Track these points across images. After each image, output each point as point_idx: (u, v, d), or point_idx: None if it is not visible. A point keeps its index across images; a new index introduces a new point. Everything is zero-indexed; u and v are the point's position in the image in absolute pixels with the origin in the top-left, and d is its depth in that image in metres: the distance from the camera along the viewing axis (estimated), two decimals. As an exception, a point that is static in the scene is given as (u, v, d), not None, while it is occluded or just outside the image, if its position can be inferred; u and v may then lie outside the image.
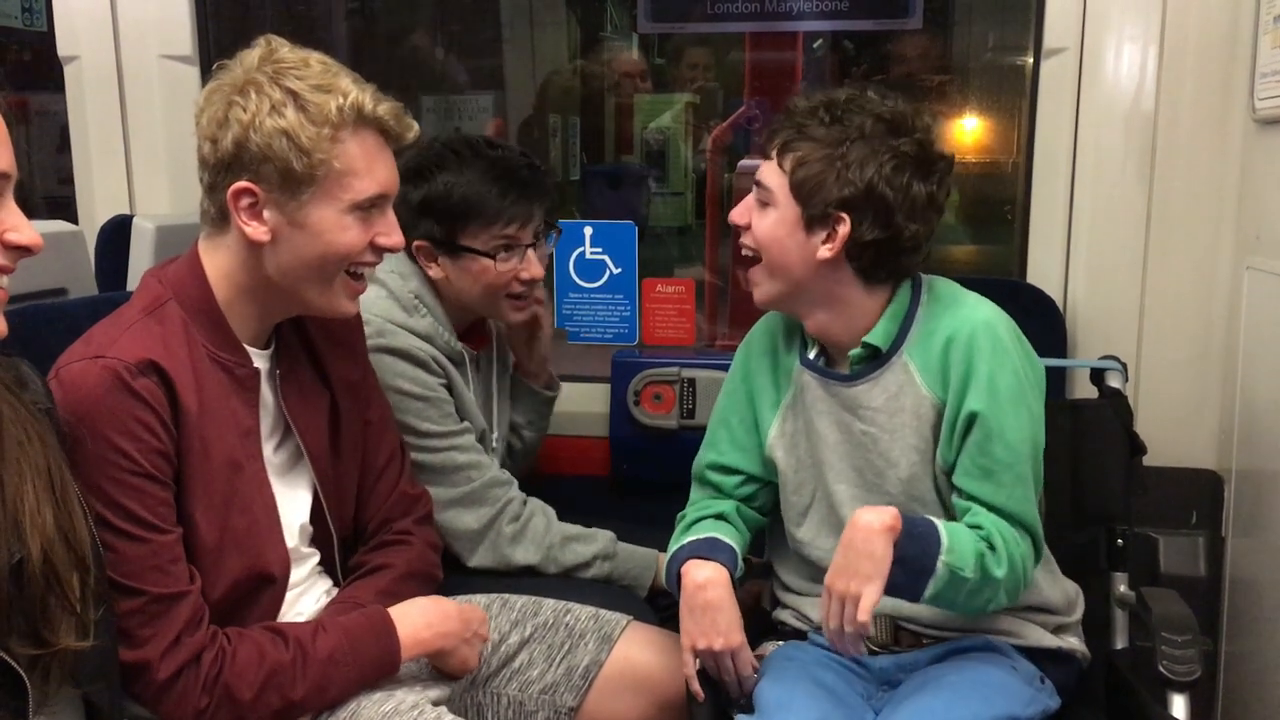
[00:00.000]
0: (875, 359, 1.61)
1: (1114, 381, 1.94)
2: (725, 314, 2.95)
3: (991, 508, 1.54)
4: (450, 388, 1.91)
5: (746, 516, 1.76)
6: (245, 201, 1.44)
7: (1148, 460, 1.89)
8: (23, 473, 1.16)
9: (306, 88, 1.43)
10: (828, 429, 1.65)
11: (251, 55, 1.46)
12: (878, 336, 1.60)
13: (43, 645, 1.15)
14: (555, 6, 4.32)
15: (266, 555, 1.49)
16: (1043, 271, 2.18)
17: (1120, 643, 1.84)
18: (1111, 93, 2.09)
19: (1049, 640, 1.64)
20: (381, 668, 1.52)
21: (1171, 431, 2.06)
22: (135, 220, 2.26)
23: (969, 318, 1.58)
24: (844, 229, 1.53)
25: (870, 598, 1.42)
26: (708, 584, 1.60)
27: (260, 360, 1.55)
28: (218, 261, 1.51)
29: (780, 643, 1.74)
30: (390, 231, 1.52)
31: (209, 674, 1.39)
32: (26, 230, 1.17)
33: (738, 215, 1.64)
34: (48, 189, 3.62)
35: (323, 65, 1.47)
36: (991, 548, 1.51)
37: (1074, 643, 1.67)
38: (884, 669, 1.62)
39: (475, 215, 1.86)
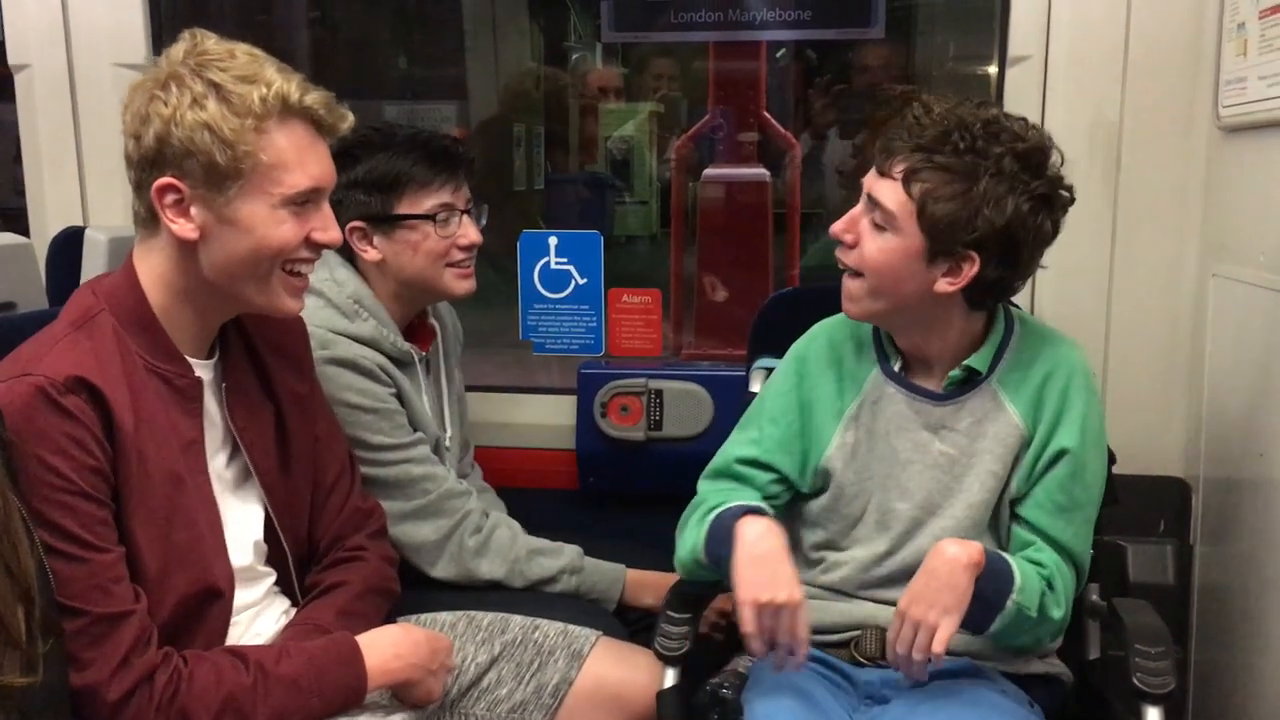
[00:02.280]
0: (967, 382, 1.60)
1: (1081, 390, 1.93)
2: (690, 324, 2.94)
3: (1058, 545, 1.56)
4: (400, 396, 1.88)
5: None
6: (170, 198, 1.40)
7: (1115, 469, 1.89)
8: None
9: (229, 79, 1.38)
10: (903, 445, 1.62)
11: (177, 49, 1.42)
12: (979, 361, 1.59)
13: None
14: (518, 15, 4.30)
15: (212, 570, 1.45)
16: (1010, 280, 2.17)
17: (1093, 653, 1.83)
18: (1076, 101, 2.09)
19: (1036, 666, 1.63)
20: (347, 697, 1.47)
21: (1139, 440, 2.06)
22: (88, 232, 2.20)
23: (1069, 356, 1.61)
24: (971, 268, 1.49)
25: (948, 629, 1.43)
26: (769, 532, 1.52)
27: (203, 370, 1.50)
28: (151, 265, 1.46)
29: (754, 658, 1.71)
30: (327, 226, 1.48)
31: (163, 695, 1.34)
32: None
33: (842, 230, 1.57)
34: (3, 200, 3.55)
35: (249, 56, 1.43)
36: (1051, 587, 1.54)
37: (1059, 666, 1.67)
38: (870, 683, 1.60)
39: (408, 182, 1.87)
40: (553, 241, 2.43)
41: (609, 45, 4.06)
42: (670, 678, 1.65)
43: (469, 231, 1.92)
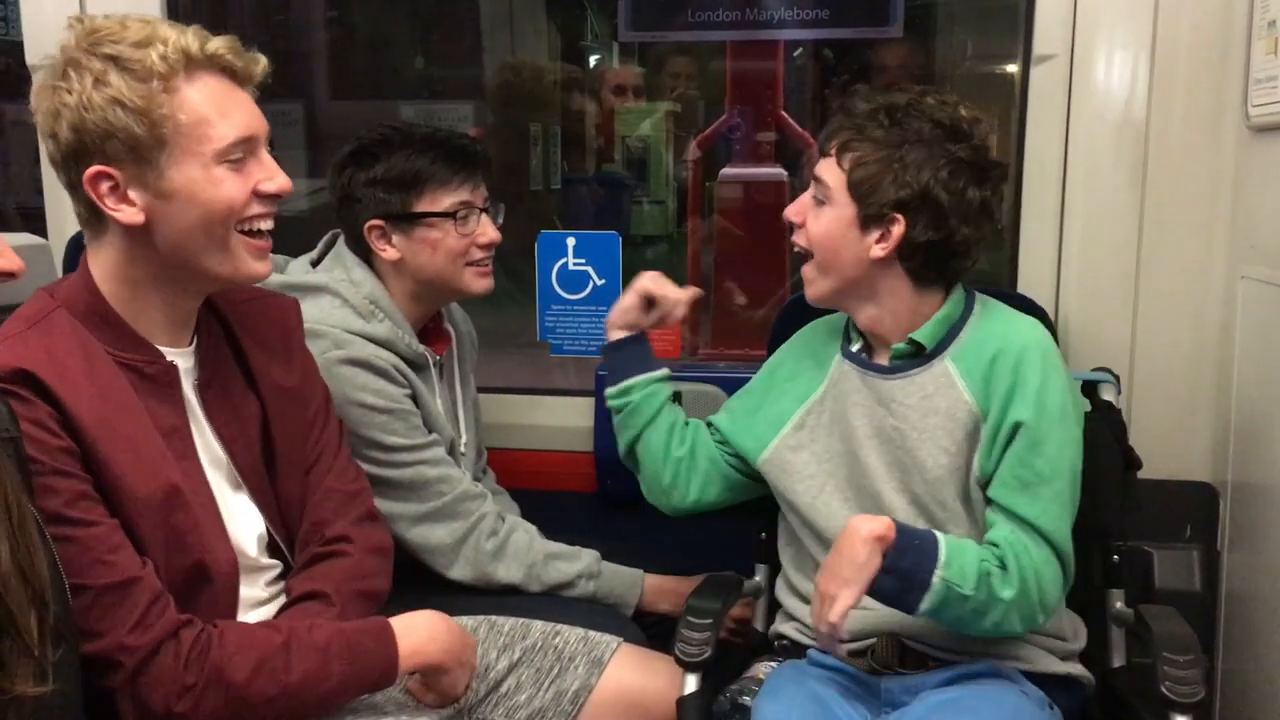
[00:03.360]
0: (916, 357, 1.64)
1: (1107, 394, 1.90)
2: (707, 323, 2.93)
3: (1024, 522, 1.54)
4: (415, 397, 1.87)
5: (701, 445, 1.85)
6: (105, 186, 1.36)
7: (1141, 473, 1.86)
8: None
9: (125, 49, 1.34)
10: (860, 420, 1.67)
11: (66, 36, 1.38)
12: (923, 335, 1.64)
13: None
14: (536, 15, 4.29)
15: (214, 553, 1.42)
16: (1034, 282, 2.14)
17: (1117, 661, 1.80)
18: (1102, 100, 2.06)
19: (1058, 666, 1.62)
20: (381, 671, 1.45)
21: (1166, 444, 2.04)
22: (105, 233, 2.20)
23: (1022, 333, 1.63)
24: (898, 229, 1.57)
25: (844, 601, 1.45)
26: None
27: (179, 357, 1.46)
28: (105, 263, 1.42)
29: (774, 663, 1.70)
30: (272, 175, 1.42)
31: (191, 650, 1.32)
32: None
33: (793, 213, 1.68)
34: (25, 200, 3.57)
35: (141, 22, 1.38)
36: (1003, 567, 1.51)
37: (1081, 669, 1.65)
38: (888, 690, 1.59)
39: (428, 180, 1.87)
40: (571, 242, 2.41)
41: (626, 44, 4.05)
42: (691, 684, 1.63)
43: (488, 229, 1.92)
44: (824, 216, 1.63)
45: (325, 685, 1.40)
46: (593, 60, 4.32)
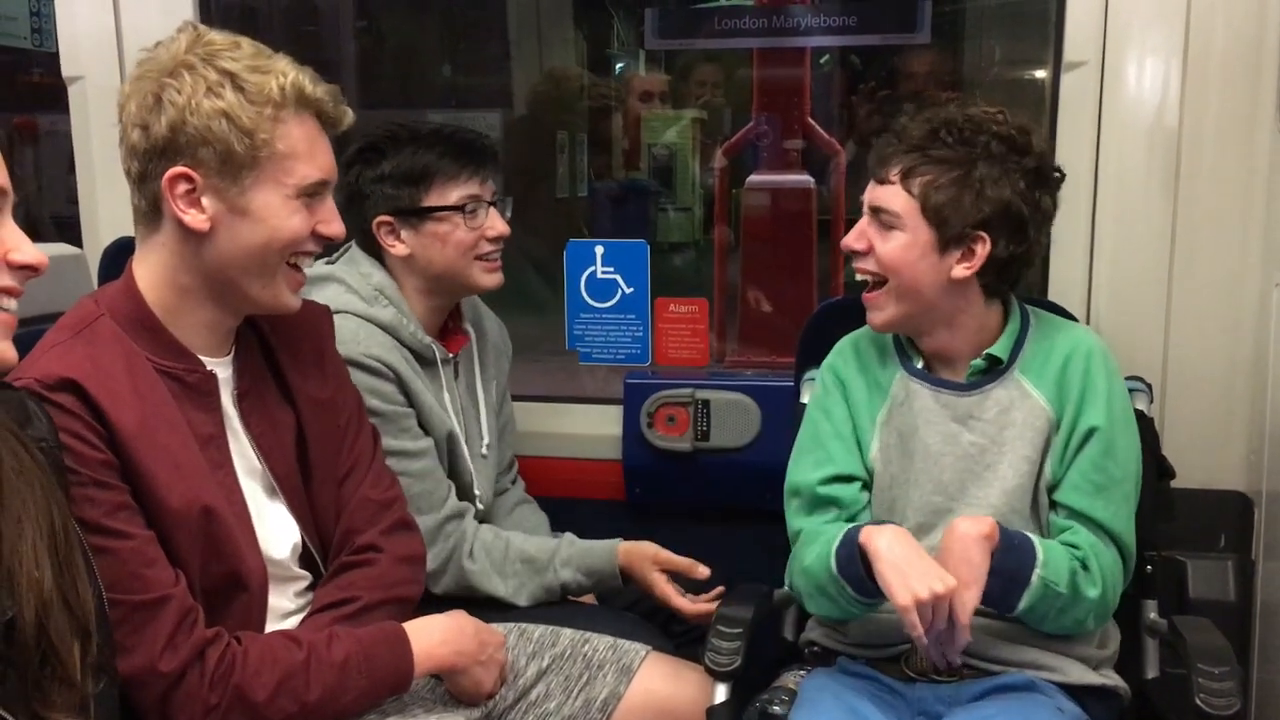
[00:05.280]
0: (989, 372, 1.65)
1: (1140, 403, 1.88)
2: (735, 331, 2.92)
3: (1097, 525, 1.58)
4: (409, 394, 1.86)
5: None
6: (182, 188, 1.39)
7: (1175, 483, 1.85)
8: (23, 530, 1.10)
9: (243, 68, 1.38)
10: (933, 439, 1.65)
11: (179, 41, 1.41)
12: (1000, 349, 1.64)
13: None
14: (563, 24, 4.31)
15: (245, 563, 1.44)
16: (1065, 288, 2.13)
17: (1151, 672, 1.79)
18: (1134, 106, 2.05)
19: (1092, 677, 1.61)
20: (396, 679, 1.47)
21: (1199, 453, 2.02)
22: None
23: (1086, 338, 1.68)
24: (983, 249, 1.57)
25: (971, 601, 1.47)
26: (897, 536, 1.52)
27: (218, 367, 1.49)
28: (153, 264, 1.45)
29: (804, 671, 1.69)
30: (332, 219, 1.48)
31: (215, 671, 1.34)
32: (29, 249, 1.13)
33: (854, 241, 1.64)
34: (57, 209, 3.61)
35: (255, 48, 1.43)
36: (1085, 567, 1.55)
37: (1116, 679, 1.64)
38: (922, 699, 1.58)
39: (437, 174, 1.88)
40: (599, 250, 2.41)
41: (652, 52, 4.05)
42: (721, 693, 1.64)
43: (496, 223, 1.93)
44: (896, 242, 1.60)
45: (343, 700, 1.43)
46: (618, 68, 4.33)
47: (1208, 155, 2.01)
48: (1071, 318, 1.94)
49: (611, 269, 2.41)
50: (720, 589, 1.89)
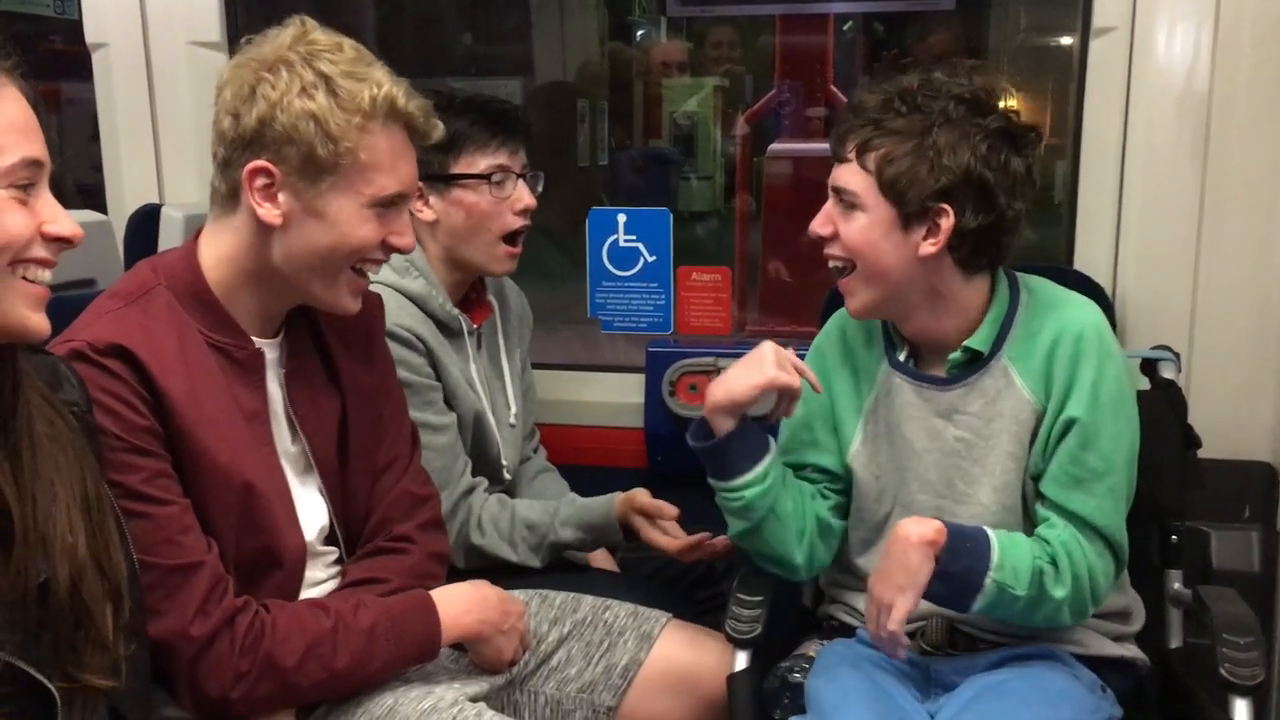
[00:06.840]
0: (973, 362, 1.56)
1: (1167, 372, 1.87)
2: (755, 300, 2.91)
3: (1077, 518, 1.50)
4: (436, 365, 1.87)
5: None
6: (261, 181, 1.40)
7: (1201, 453, 1.83)
8: (56, 494, 1.11)
9: (339, 73, 1.39)
10: (916, 435, 1.59)
11: (284, 34, 1.42)
12: (979, 340, 1.55)
13: (70, 681, 1.10)
14: (584, -10, 4.28)
15: (284, 539, 1.46)
16: (1091, 258, 2.11)
17: (1174, 642, 1.78)
18: (1164, 73, 2.02)
19: (1111, 649, 1.60)
20: (423, 647, 1.49)
21: (1225, 423, 2.00)
22: (164, 209, 2.24)
23: (1075, 319, 1.54)
24: (947, 221, 1.47)
25: (901, 609, 1.43)
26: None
27: (266, 348, 1.51)
28: (221, 244, 1.46)
29: (824, 642, 1.70)
30: (404, 232, 1.48)
31: (245, 638, 1.36)
32: (65, 221, 1.13)
33: (820, 226, 1.56)
34: (80, 177, 3.63)
35: (356, 53, 1.43)
36: (1055, 565, 1.48)
37: (1135, 651, 1.63)
38: (939, 672, 1.58)
39: (466, 141, 1.88)
40: (621, 219, 2.41)
41: (674, 20, 4.03)
42: (741, 661, 1.64)
43: (524, 195, 1.92)
44: (857, 223, 1.51)
45: (370, 667, 1.44)
46: (638, 35, 4.30)
47: (1238, 122, 1.99)
48: (1095, 287, 1.93)
49: (634, 237, 2.40)
50: (704, 534, 1.89)
